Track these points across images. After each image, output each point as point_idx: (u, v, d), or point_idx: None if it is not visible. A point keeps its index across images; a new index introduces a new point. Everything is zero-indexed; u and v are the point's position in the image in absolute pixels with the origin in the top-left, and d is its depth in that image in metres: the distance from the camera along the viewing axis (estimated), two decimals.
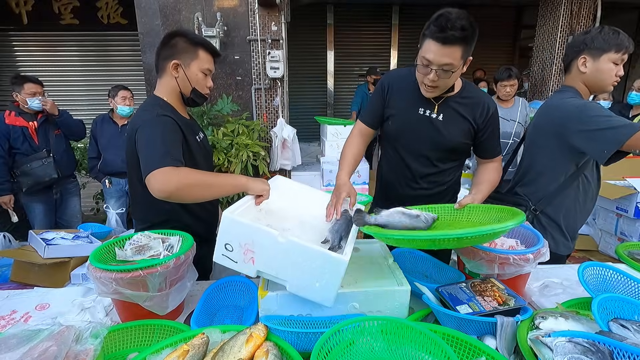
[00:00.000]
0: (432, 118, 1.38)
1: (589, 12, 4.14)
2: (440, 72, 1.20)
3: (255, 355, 0.81)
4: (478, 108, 1.38)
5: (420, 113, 1.39)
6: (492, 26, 6.32)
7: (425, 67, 1.21)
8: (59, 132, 2.95)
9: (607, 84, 1.49)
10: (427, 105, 1.38)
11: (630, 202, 2.23)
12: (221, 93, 3.63)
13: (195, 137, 1.40)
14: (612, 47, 1.42)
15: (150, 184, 1.09)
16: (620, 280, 1.16)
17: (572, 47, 1.52)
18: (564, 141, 1.45)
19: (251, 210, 1.14)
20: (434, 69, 1.19)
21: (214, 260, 0.99)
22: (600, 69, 1.46)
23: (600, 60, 1.45)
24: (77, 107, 4.92)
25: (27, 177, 2.75)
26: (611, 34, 1.43)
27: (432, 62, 1.18)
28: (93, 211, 4.21)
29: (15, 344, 0.81)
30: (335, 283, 0.89)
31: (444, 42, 1.13)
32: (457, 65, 1.19)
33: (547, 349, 0.75)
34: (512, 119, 3.12)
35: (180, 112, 1.38)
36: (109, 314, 1.18)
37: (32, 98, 2.72)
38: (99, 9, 4.68)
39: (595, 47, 1.44)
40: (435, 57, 1.17)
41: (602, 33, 1.44)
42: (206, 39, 1.34)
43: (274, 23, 3.54)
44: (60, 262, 1.44)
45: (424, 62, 1.20)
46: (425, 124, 1.39)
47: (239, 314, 1.16)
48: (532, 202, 1.58)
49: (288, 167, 3.71)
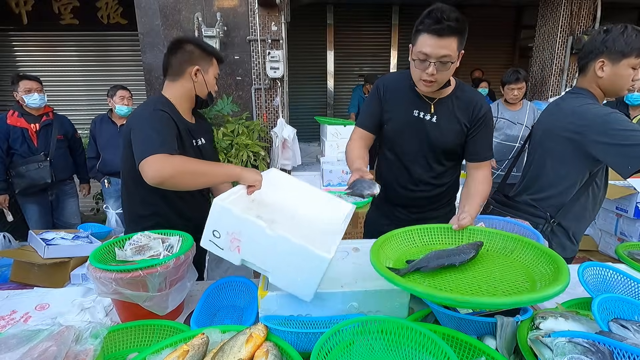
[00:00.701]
0: (426, 120, 1.38)
1: (589, 12, 4.14)
2: (439, 65, 1.20)
3: (255, 355, 0.81)
4: (471, 107, 1.37)
5: (415, 115, 1.39)
6: (492, 26, 6.32)
7: (423, 61, 1.21)
8: (62, 137, 2.94)
9: (623, 89, 1.41)
10: (422, 107, 1.38)
11: (630, 202, 2.23)
12: (221, 93, 3.63)
13: (192, 141, 1.42)
14: (634, 52, 1.33)
15: (144, 170, 1.10)
16: (620, 280, 1.16)
17: (590, 47, 1.42)
18: (581, 149, 1.37)
19: (243, 199, 1.14)
20: (433, 62, 1.19)
21: (201, 245, 1.00)
22: (618, 74, 1.37)
23: (620, 66, 1.36)
24: (77, 107, 4.92)
25: (21, 179, 2.74)
26: (634, 36, 1.33)
27: (430, 55, 1.18)
28: (93, 211, 4.21)
29: (15, 344, 0.81)
30: (316, 279, 0.89)
31: (440, 33, 1.15)
32: (454, 57, 1.20)
33: (547, 349, 0.75)
34: (520, 123, 3.10)
35: (184, 114, 1.41)
36: (109, 314, 1.18)
37: (28, 95, 2.71)
38: (98, 9, 4.68)
39: (615, 51, 1.35)
40: (432, 49, 1.17)
41: (625, 35, 1.34)
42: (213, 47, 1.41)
43: (274, 23, 3.54)
44: (60, 262, 1.44)
45: (421, 56, 1.20)
46: (420, 126, 1.39)
47: (239, 314, 1.16)
48: (549, 212, 1.50)
49: (288, 167, 3.71)
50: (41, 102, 2.78)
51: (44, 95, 2.81)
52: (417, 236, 1.14)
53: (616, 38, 1.35)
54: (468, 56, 4.64)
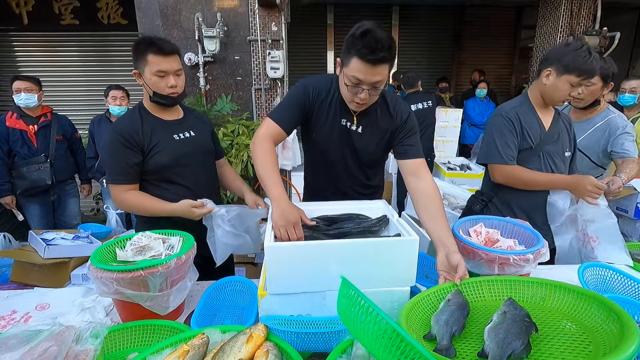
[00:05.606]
0: (352, 130, 1.37)
1: (589, 12, 4.14)
2: (371, 90, 1.19)
3: (256, 355, 0.81)
4: (394, 114, 1.36)
5: (342, 124, 1.37)
6: (492, 27, 6.32)
7: (355, 86, 1.18)
8: (61, 138, 2.92)
9: (558, 100, 1.53)
10: (348, 117, 1.36)
11: (630, 202, 2.23)
12: (221, 93, 3.63)
13: (174, 135, 1.45)
14: (576, 71, 1.43)
15: (111, 195, 1.42)
16: (620, 281, 1.16)
17: (548, 55, 1.53)
18: None
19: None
20: (366, 88, 1.17)
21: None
22: (557, 86, 1.49)
23: (561, 79, 1.47)
24: (77, 107, 4.92)
25: (23, 180, 2.74)
26: (582, 57, 1.41)
27: (364, 81, 1.16)
28: (93, 211, 4.21)
29: (15, 344, 0.81)
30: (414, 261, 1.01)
31: (375, 63, 1.11)
32: (385, 80, 1.19)
33: None
34: None
35: (160, 114, 1.45)
36: (109, 314, 1.18)
37: (16, 95, 2.68)
38: (99, 10, 4.68)
39: (562, 65, 1.45)
40: (366, 76, 1.14)
41: (576, 53, 1.43)
42: (157, 38, 1.35)
43: (274, 23, 3.54)
44: (60, 262, 1.44)
45: (354, 80, 1.16)
46: (346, 135, 1.38)
47: (239, 314, 1.16)
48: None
49: (288, 168, 3.70)
50: (27, 101, 2.69)
51: (33, 94, 2.71)
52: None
53: (568, 53, 1.45)
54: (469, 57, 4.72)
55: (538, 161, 1.59)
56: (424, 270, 1.41)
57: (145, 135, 1.38)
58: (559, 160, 1.62)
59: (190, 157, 1.47)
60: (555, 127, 1.61)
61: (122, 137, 1.35)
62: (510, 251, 1.16)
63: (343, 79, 1.21)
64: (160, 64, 1.34)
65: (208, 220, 1.41)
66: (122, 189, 1.39)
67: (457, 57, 6.51)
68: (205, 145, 1.56)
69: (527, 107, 1.61)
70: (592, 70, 1.43)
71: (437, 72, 6.29)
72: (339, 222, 1.23)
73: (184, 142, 1.46)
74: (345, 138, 1.39)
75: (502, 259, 1.12)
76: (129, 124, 1.39)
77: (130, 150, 1.36)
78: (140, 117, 1.42)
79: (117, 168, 1.37)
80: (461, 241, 1.21)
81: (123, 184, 1.38)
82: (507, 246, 1.27)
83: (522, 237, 1.32)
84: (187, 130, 1.49)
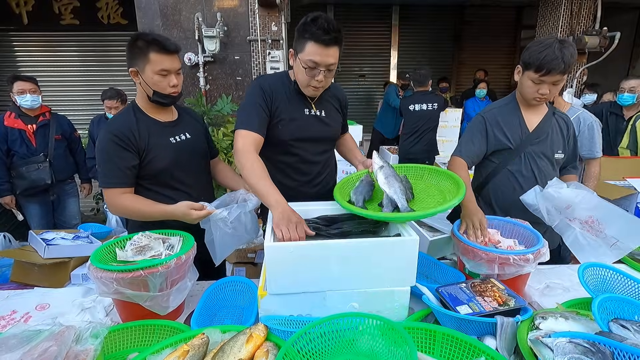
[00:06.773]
0: (318, 115, 1.45)
1: (589, 12, 4.15)
2: (327, 72, 1.28)
3: (255, 355, 0.81)
4: (338, 97, 1.54)
5: (307, 113, 1.43)
6: (492, 27, 6.32)
7: (312, 69, 1.26)
8: (60, 137, 2.92)
9: (529, 98, 1.48)
10: (308, 105, 1.43)
11: (630, 202, 2.23)
12: (221, 93, 3.63)
13: (170, 138, 1.40)
14: (533, 67, 1.38)
15: (105, 198, 1.38)
16: (620, 281, 1.16)
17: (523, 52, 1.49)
18: None
19: None
20: (322, 70, 1.27)
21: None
22: (522, 82, 1.48)
23: (524, 75, 1.45)
24: (77, 108, 4.92)
25: (22, 180, 2.73)
26: (537, 53, 1.36)
27: (320, 63, 1.25)
28: (93, 211, 4.20)
29: (16, 344, 0.81)
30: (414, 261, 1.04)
31: (328, 43, 1.22)
32: (336, 63, 1.29)
33: (547, 349, 0.75)
34: None
35: (155, 114, 1.40)
36: (109, 314, 1.18)
37: (20, 96, 2.68)
38: (99, 9, 4.68)
39: (524, 60, 1.43)
40: (322, 58, 1.24)
41: (536, 47, 1.38)
42: (158, 35, 1.30)
43: (274, 23, 3.54)
44: (60, 262, 1.44)
45: (311, 64, 1.25)
46: (314, 121, 1.44)
47: (239, 314, 1.16)
48: None
49: None
50: (33, 103, 2.72)
51: (38, 96, 2.74)
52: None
53: (530, 48, 1.41)
54: (469, 57, 4.72)
55: (519, 162, 1.54)
56: (424, 270, 1.41)
57: (141, 137, 1.33)
58: (543, 161, 1.55)
59: (187, 160, 1.44)
60: (544, 127, 1.54)
61: (116, 137, 1.28)
62: (510, 251, 1.16)
63: (300, 65, 1.29)
64: (164, 62, 1.29)
65: (206, 223, 1.36)
66: (116, 193, 1.31)
67: (457, 57, 6.51)
68: (201, 148, 1.54)
69: (512, 106, 1.56)
70: (547, 66, 1.35)
71: (437, 72, 6.28)
72: (339, 222, 1.23)
73: (180, 146, 1.42)
74: (313, 124, 1.44)
75: (502, 259, 1.12)
76: (123, 125, 1.32)
77: (126, 151, 1.30)
78: (135, 117, 1.36)
79: (112, 170, 1.29)
80: (461, 241, 1.22)
81: (118, 187, 1.30)
82: (507, 246, 1.27)
83: (522, 237, 1.33)
84: (183, 132, 1.45)
